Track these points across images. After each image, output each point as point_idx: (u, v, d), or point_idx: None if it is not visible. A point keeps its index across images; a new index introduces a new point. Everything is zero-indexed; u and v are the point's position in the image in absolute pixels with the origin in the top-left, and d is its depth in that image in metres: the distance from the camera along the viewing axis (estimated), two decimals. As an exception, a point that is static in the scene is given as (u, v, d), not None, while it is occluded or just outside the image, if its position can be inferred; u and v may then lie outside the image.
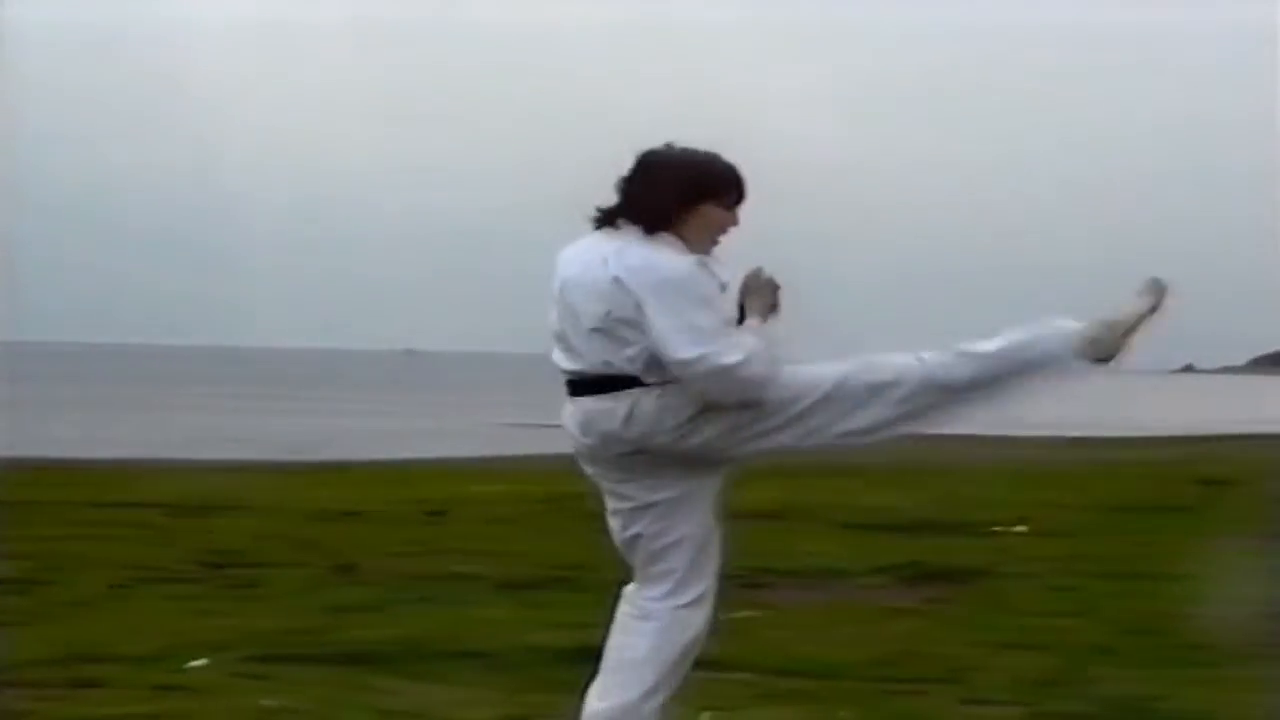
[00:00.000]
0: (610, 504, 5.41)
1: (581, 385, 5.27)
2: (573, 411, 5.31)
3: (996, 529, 14.61)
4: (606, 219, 5.32)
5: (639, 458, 5.26)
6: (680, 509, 5.35)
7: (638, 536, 5.39)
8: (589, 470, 5.42)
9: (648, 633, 5.35)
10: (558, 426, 5.41)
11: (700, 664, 5.44)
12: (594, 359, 5.22)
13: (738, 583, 11.21)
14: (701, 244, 5.31)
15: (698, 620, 5.39)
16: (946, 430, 5.74)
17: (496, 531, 14.33)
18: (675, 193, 5.27)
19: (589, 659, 5.45)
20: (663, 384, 5.16)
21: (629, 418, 5.19)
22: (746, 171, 5.39)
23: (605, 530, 5.43)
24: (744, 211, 5.40)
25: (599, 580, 10.99)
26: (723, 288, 5.29)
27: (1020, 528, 14.65)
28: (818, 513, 16.10)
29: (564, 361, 5.30)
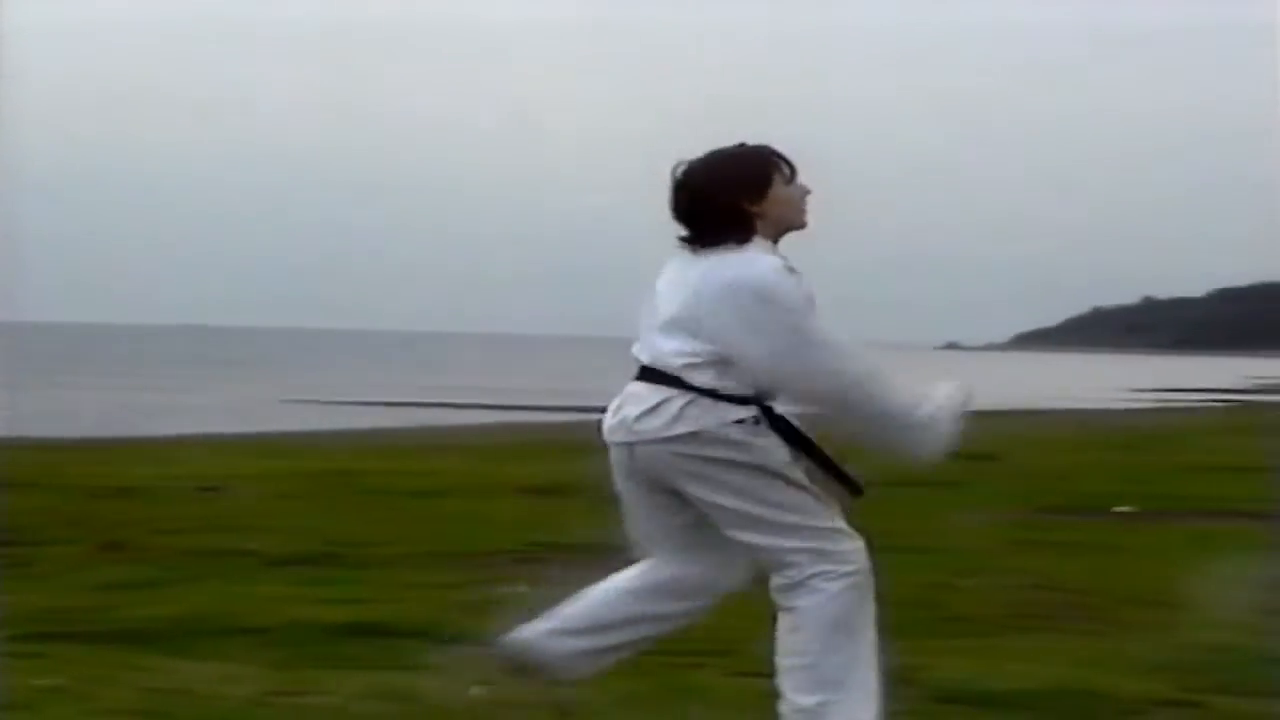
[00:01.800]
0: None
1: (641, 373, 5.34)
2: (621, 392, 5.40)
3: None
4: (695, 243, 5.33)
5: (624, 448, 5.36)
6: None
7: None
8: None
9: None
10: (339, 403, 5.43)
11: (467, 639, 5.47)
12: (654, 352, 5.29)
13: (509, 557, 11.27)
14: (792, 221, 5.34)
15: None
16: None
17: (270, 507, 14.21)
18: (742, 193, 5.26)
19: (360, 634, 5.48)
20: (700, 392, 5.22)
21: (649, 410, 5.26)
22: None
23: (380, 506, 5.45)
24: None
25: (372, 556, 10.99)
26: (810, 299, 5.27)
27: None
28: (591, 488, 16.13)
29: (637, 351, 5.37)
